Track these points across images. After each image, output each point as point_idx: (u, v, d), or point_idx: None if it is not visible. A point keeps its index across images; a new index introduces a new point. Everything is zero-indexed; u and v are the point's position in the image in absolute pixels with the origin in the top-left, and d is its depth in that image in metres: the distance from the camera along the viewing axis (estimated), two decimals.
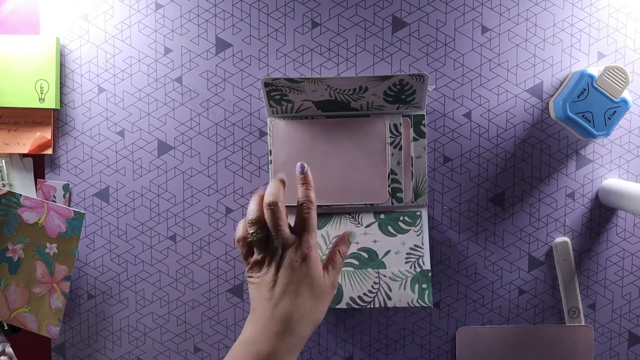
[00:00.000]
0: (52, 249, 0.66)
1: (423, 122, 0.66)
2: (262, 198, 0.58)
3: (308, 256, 0.55)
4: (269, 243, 0.56)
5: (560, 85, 0.67)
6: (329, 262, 0.58)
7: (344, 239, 0.60)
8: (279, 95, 0.64)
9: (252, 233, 0.56)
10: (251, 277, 0.57)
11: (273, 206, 0.56)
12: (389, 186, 0.66)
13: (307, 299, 0.55)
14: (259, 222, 0.56)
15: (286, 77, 0.63)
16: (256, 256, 0.57)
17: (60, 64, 0.68)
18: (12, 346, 0.70)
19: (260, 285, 0.56)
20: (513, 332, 0.69)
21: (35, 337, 0.70)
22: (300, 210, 0.57)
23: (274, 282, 0.55)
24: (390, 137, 0.66)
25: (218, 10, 0.68)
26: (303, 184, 0.59)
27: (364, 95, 0.64)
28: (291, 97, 0.64)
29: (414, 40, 0.67)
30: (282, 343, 0.53)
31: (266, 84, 0.62)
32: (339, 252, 0.59)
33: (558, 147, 0.68)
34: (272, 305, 0.54)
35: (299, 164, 0.60)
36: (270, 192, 0.57)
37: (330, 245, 0.62)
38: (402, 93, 0.64)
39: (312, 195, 0.58)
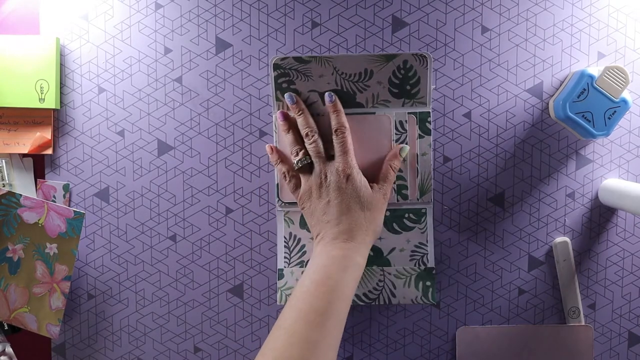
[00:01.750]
0: (52, 249, 0.66)
1: (429, 120, 0.66)
2: (295, 132, 0.64)
3: (351, 175, 0.61)
4: (312, 171, 0.63)
5: (560, 85, 0.67)
6: (381, 176, 0.64)
7: (396, 154, 0.65)
8: (287, 82, 0.64)
9: (298, 161, 0.63)
10: (304, 207, 0.63)
11: (311, 135, 0.63)
12: (394, 183, 0.66)
13: (360, 212, 0.60)
14: (301, 150, 0.63)
15: (295, 56, 0.64)
16: (304, 186, 0.63)
17: (60, 64, 0.68)
18: (12, 346, 0.70)
19: (314, 212, 0.62)
20: (513, 332, 0.69)
21: (35, 337, 0.70)
22: (335, 135, 0.63)
23: (327, 204, 0.61)
24: (395, 134, 0.66)
25: (218, 10, 0.68)
26: (334, 111, 0.64)
27: (370, 83, 0.64)
28: (298, 86, 0.64)
29: (414, 40, 0.67)
30: (349, 247, 0.59)
31: (275, 67, 0.63)
32: (391, 166, 0.64)
33: (558, 147, 0.68)
34: (334, 224, 0.60)
35: (327, 93, 0.64)
36: (304, 124, 0.63)
37: (385, 161, 0.65)
38: (406, 82, 0.64)
39: (344, 119, 0.63)
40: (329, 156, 0.63)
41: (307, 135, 0.63)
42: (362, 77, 0.64)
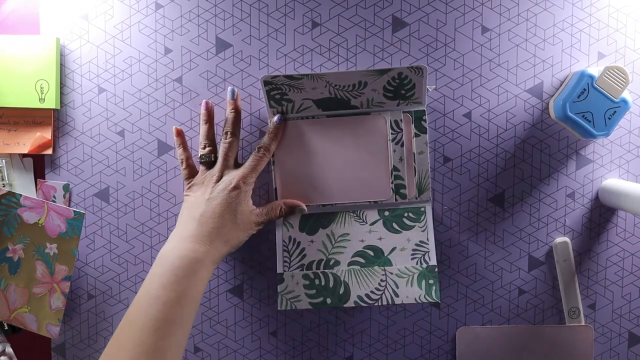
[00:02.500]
0: (52, 249, 0.66)
1: (424, 118, 0.66)
2: (211, 127, 0.65)
3: (239, 188, 0.62)
4: (212, 168, 0.64)
5: (560, 85, 0.67)
6: (267, 206, 0.65)
7: (293, 205, 0.66)
8: (279, 94, 0.64)
9: (202, 155, 0.64)
10: (187, 195, 0.63)
11: (230, 136, 0.64)
12: (392, 183, 0.66)
13: (229, 223, 0.61)
14: (209, 147, 0.65)
15: (285, 74, 0.64)
16: (198, 177, 0.64)
17: (60, 64, 0.68)
18: (12, 346, 0.70)
19: (192, 205, 0.62)
20: (513, 332, 0.69)
21: (35, 337, 0.70)
22: (256, 150, 0.64)
23: (206, 202, 0.61)
24: (391, 133, 0.66)
25: (218, 10, 0.68)
26: (271, 133, 0.65)
27: (364, 91, 0.64)
28: (291, 96, 0.64)
29: (414, 40, 0.67)
30: (203, 250, 0.59)
31: (266, 83, 0.63)
32: (282, 207, 0.65)
33: (558, 147, 0.68)
34: (200, 222, 0.60)
35: (277, 115, 0.65)
36: (230, 122, 0.64)
37: (280, 199, 0.67)
38: (401, 88, 0.64)
39: (274, 146, 0.65)
40: (236, 163, 0.65)
41: (226, 133, 0.64)
42: (356, 87, 0.64)
